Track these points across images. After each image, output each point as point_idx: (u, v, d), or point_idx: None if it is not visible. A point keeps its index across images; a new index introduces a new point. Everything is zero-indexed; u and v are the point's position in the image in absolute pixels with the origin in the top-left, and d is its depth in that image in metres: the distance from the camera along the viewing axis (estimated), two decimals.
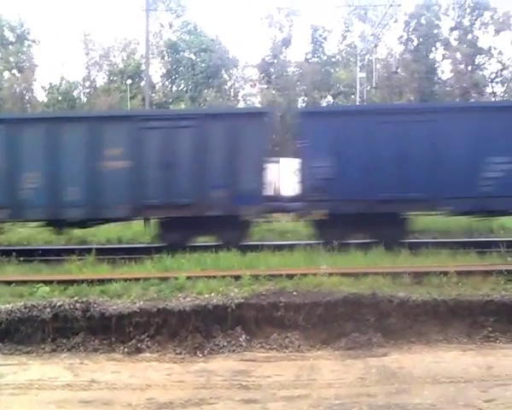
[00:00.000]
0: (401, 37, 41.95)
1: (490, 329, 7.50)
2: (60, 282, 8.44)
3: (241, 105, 42.31)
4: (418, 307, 7.56)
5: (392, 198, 12.14)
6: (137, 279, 8.50)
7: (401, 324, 7.52)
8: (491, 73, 41.23)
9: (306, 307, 7.58)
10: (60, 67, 65.93)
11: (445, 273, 8.37)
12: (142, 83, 35.99)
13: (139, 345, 7.26)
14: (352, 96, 36.07)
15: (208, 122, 12.58)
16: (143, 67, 31.86)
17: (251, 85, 44.06)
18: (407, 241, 12.37)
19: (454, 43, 41.31)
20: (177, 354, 7.13)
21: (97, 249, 11.31)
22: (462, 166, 12.22)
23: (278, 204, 13.22)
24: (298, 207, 12.90)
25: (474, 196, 12.10)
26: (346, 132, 12.42)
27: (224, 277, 8.37)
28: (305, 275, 8.47)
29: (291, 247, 10.95)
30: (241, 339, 7.27)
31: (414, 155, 12.30)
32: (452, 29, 41.70)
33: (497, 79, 41.18)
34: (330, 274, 8.47)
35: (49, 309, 7.46)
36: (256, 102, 42.59)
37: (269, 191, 13.18)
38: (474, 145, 12.25)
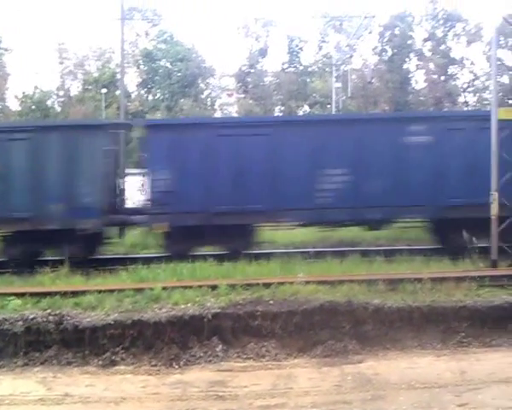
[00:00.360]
0: (376, 47, 42.60)
1: (463, 334, 7.65)
2: (32, 294, 8.25)
3: (217, 114, 42.29)
4: (393, 314, 7.65)
5: (230, 210, 12.14)
6: (112, 291, 8.39)
7: (376, 330, 7.60)
8: (464, 83, 42.15)
9: (283, 315, 7.60)
10: (33, 75, 64.95)
11: (419, 280, 8.48)
12: (118, 92, 35.69)
13: (114, 358, 7.17)
14: (328, 106, 36.44)
15: (44, 135, 12.51)
16: (119, 76, 31.60)
17: (228, 95, 44.12)
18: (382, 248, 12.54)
19: (427, 54, 42.09)
20: (152, 365, 7.06)
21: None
22: (298, 179, 12.37)
23: (120, 217, 12.83)
24: (140, 221, 12.75)
25: (311, 208, 12.32)
26: (184, 145, 12.39)
27: (200, 286, 8.31)
28: (281, 284, 8.48)
29: (268, 256, 10.96)
30: (217, 349, 7.24)
31: (252, 168, 12.40)
32: (426, 40, 42.52)
33: (469, 89, 42.05)
34: (307, 282, 8.50)
35: (21, 322, 7.31)
36: (233, 111, 42.67)
37: (114, 204, 13.00)
38: (310, 158, 12.41)
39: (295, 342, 7.53)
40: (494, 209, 10.35)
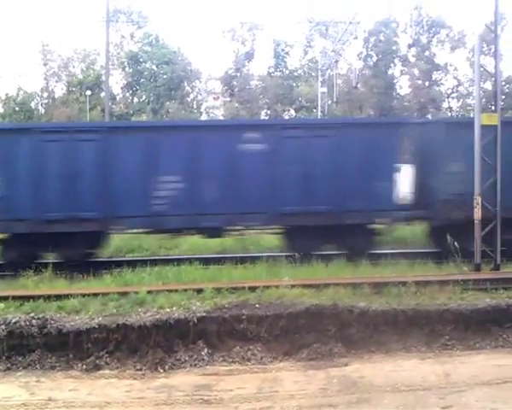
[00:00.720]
0: (361, 53, 43.05)
1: (447, 337, 7.71)
2: (15, 298, 8.12)
3: (204, 117, 42.28)
4: (378, 317, 7.69)
5: (60, 218, 11.90)
6: (96, 294, 8.30)
7: (361, 333, 7.63)
8: (448, 89, 42.83)
9: (269, 319, 7.60)
10: (17, 77, 64.11)
11: (404, 283, 8.54)
12: (102, 94, 35.46)
13: (98, 362, 7.10)
14: (314, 111, 36.65)
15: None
16: (103, 78, 31.42)
17: (214, 98, 44.16)
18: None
19: (412, 60, 42.70)
20: (137, 370, 7.00)
21: (55, 264, 11.00)
22: (133, 186, 12.17)
23: None
24: None
25: (147, 215, 12.16)
26: (12, 150, 12.07)
27: (185, 290, 8.25)
28: (267, 287, 8.47)
29: (254, 259, 10.95)
30: (203, 353, 7.20)
31: (83, 174, 12.17)
32: (410, 46, 43.13)
33: (453, 95, 42.74)
34: (292, 286, 8.50)
35: (3, 326, 7.20)
36: (219, 114, 42.72)
37: None
38: (145, 164, 12.22)
39: (281, 345, 7.53)
40: (477, 213, 10.48)
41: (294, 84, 43.26)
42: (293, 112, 42.65)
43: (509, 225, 10.99)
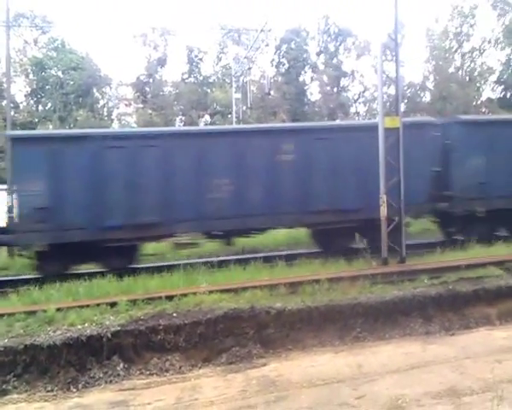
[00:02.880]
0: (273, 60, 43.95)
1: (359, 330, 8.08)
2: None
3: (115, 125, 40.95)
4: (294, 316, 7.89)
5: None
6: (1, 315, 7.75)
7: (279, 333, 7.79)
8: (355, 95, 44.83)
9: (187, 327, 7.52)
10: None
11: (318, 281, 8.83)
12: (4, 102, 33.28)
13: (4, 386, 6.66)
14: (229, 116, 36.87)
15: None
16: (5, 85, 29.49)
17: (125, 105, 42.95)
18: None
19: (321, 67, 44.25)
20: (48, 391, 6.64)
21: None
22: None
23: None
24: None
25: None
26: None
27: (98, 305, 7.96)
28: (185, 295, 8.39)
29: (170, 268, 10.80)
30: (118, 368, 6.97)
31: None
32: (319, 53, 44.71)
33: (359, 100, 44.85)
34: (210, 292, 8.49)
35: None
36: (132, 121, 41.60)
37: None
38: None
39: (200, 352, 7.48)
40: (383, 211, 11.07)
41: (209, 90, 43.26)
42: (208, 117, 42.61)
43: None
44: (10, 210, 12.29)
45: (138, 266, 12.58)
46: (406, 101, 38.88)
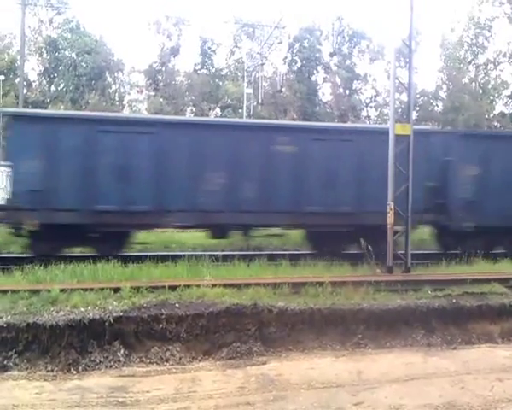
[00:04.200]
0: (286, 57, 43.87)
1: (360, 336, 8.06)
2: None
3: (126, 111, 40.99)
4: (296, 316, 7.88)
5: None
6: (5, 292, 7.78)
7: (280, 332, 7.79)
8: (367, 98, 44.77)
9: (189, 318, 7.52)
10: None
11: (321, 284, 8.82)
12: (17, 80, 33.30)
13: (6, 362, 6.69)
14: (240, 110, 36.85)
15: None
16: (19, 62, 29.52)
17: (137, 91, 42.95)
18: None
19: (334, 68, 44.18)
20: (48, 371, 6.65)
21: None
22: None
23: None
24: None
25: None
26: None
27: (102, 289, 7.95)
28: (188, 286, 8.38)
29: (175, 258, 10.81)
30: (119, 354, 6.98)
31: None
32: (332, 54, 44.61)
33: (371, 104, 44.76)
34: (213, 285, 8.48)
35: None
36: (142, 108, 41.62)
37: None
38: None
39: (200, 345, 7.49)
40: (390, 218, 11.04)
41: (221, 83, 43.21)
42: (218, 110, 42.58)
43: None
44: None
45: (146, 253, 12.55)
46: (418, 109, 38.81)
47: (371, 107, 44.51)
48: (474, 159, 14.51)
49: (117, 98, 42.46)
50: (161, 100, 39.59)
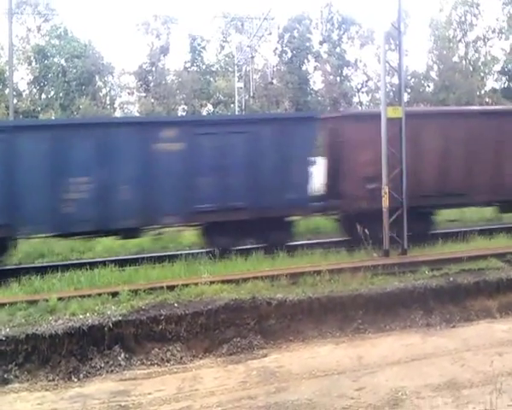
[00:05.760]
0: (276, 49, 43.69)
1: (359, 321, 8.10)
2: None
3: (118, 113, 40.87)
4: (295, 307, 7.91)
5: None
6: (2, 305, 7.79)
7: (280, 324, 7.82)
8: (358, 84, 44.64)
9: (188, 317, 7.55)
10: None
11: (319, 272, 8.82)
12: (7, 90, 33.18)
13: (6, 376, 6.69)
14: (232, 106, 36.74)
15: None
16: (7, 73, 29.39)
17: (128, 93, 42.82)
18: None
19: (324, 56, 43.97)
20: (49, 380, 6.68)
21: None
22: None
23: None
24: None
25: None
26: None
27: (99, 294, 7.96)
28: (186, 285, 8.39)
29: (172, 258, 10.81)
30: (119, 358, 7.01)
31: None
32: (322, 42, 44.41)
33: (362, 90, 44.62)
34: (212, 282, 8.49)
35: None
36: (134, 110, 41.52)
37: None
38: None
39: (201, 342, 7.52)
40: (385, 202, 11.02)
41: (211, 79, 43.06)
42: (210, 107, 42.47)
43: None
44: None
45: (142, 255, 12.46)
46: (409, 91, 38.65)
47: (363, 92, 44.42)
48: None
49: (108, 101, 42.33)
50: (152, 100, 39.48)
